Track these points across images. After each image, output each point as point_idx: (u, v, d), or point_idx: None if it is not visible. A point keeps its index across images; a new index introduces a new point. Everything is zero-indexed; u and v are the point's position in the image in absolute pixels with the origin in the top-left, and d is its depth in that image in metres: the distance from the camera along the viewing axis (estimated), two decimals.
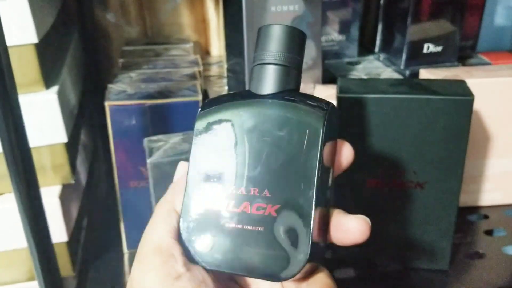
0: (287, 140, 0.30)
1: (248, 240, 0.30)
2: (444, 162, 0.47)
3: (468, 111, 0.45)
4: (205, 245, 0.30)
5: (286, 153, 0.30)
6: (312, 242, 0.29)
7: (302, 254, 0.29)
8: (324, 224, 0.31)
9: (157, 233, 0.31)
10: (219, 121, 0.31)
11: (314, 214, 0.29)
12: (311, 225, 0.29)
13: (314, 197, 0.29)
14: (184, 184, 0.32)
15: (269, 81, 0.31)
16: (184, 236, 0.30)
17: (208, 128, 0.31)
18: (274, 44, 0.31)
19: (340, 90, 0.47)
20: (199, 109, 0.32)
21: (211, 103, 0.33)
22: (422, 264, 0.52)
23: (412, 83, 0.49)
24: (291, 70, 0.32)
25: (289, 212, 0.30)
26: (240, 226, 0.30)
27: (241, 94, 0.33)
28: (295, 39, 0.32)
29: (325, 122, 0.30)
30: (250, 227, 0.30)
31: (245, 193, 0.30)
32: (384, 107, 0.46)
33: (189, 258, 0.30)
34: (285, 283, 0.31)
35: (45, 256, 0.42)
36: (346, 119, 0.47)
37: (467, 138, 0.46)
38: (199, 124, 0.32)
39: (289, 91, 0.32)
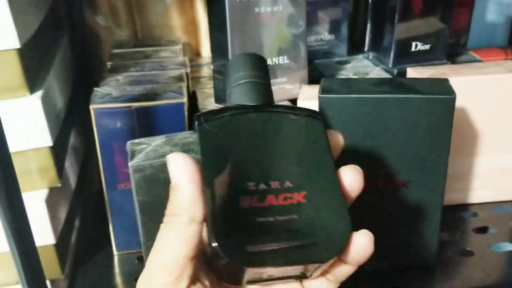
0: (293, 135, 0.33)
1: (285, 230, 0.30)
2: (428, 161, 0.47)
3: (450, 109, 0.45)
4: (244, 245, 0.29)
5: (296, 146, 0.33)
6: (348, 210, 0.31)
7: (345, 226, 0.30)
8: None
9: (171, 250, 0.29)
10: (224, 131, 0.33)
11: (340, 188, 0.31)
12: (343, 198, 0.31)
13: (336, 175, 0.32)
14: (195, 183, 0.30)
15: (255, 94, 0.35)
16: (220, 244, 0.29)
17: (214, 140, 0.32)
18: (247, 67, 0.36)
19: (322, 90, 0.47)
20: (196, 123, 0.33)
21: (207, 116, 0.34)
22: (408, 263, 0.52)
23: (394, 82, 0.49)
24: (265, 85, 0.36)
25: (317, 195, 0.31)
26: (272, 219, 0.30)
27: (233, 107, 0.35)
28: (261, 62, 0.37)
29: (322, 113, 0.35)
30: (283, 218, 0.30)
31: (267, 188, 0.31)
32: (366, 107, 0.46)
33: (231, 262, 0.29)
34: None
35: (29, 261, 0.43)
36: (328, 119, 0.47)
37: (450, 136, 0.46)
38: (203, 136, 0.32)
39: (271, 103, 0.36)
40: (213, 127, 0.33)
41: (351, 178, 0.32)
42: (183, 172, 0.30)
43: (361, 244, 0.30)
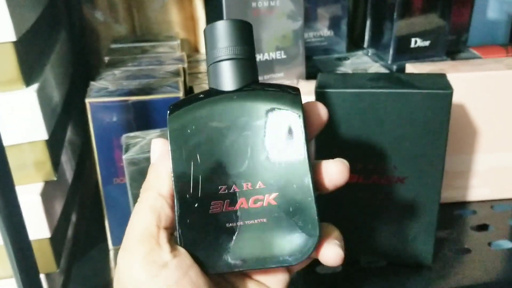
0: (267, 129, 0.31)
1: (254, 234, 0.30)
2: (424, 157, 0.47)
3: (447, 104, 0.45)
4: (212, 251, 0.30)
5: (270, 141, 0.31)
6: (319, 215, 0.30)
7: (313, 229, 0.30)
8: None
9: (142, 220, 0.30)
10: (194, 123, 0.31)
11: (313, 189, 0.30)
12: (314, 202, 0.30)
13: (310, 175, 0.30)
14: (166, 163, 0.31)
15: (230, 77, 0.31)
16: (188, 246, 0.30)
17: (184, 131, 0.31)
18: (223, 40, 0.31)
19: (319, 85, 0.47)
20: (168, 113, 0.32)
21: (179, 106, 0.32)
22: (405, 260, 0.52)
23: (391, 77, 0.49)
24: (246, 61, 0.32)
25: (288, 197, 0.30)
26: (242, 223, 0.30)
27: (207, 94, 0.32)
28: (242, 31, 0.32)
29: (302, 104, 0.31)
30: (252, 221, 0.30)
31: (239, 190, 0.30)
32: (362, 102, 0.46)
33: (200, 266, 0.30)
34: None
35: (22, 254, 0.42)
36: None
37: (447, 132, 0.46)
38: (173, 129, 0.31)
39: (252, 83, 0.32)
40: (183, 120, 0.31)
41: (336, 172, 0.31)
42: (155, 153, 0.32)
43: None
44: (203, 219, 0.30)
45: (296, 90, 0.32)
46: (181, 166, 0.30)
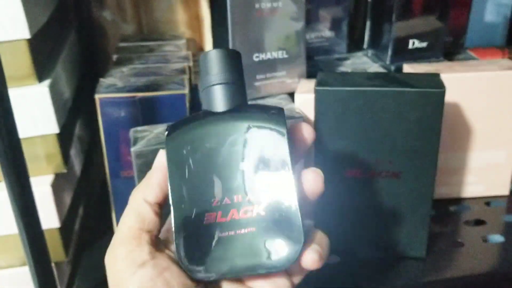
0: (255, 145, 0.34)
1: (244, 242, 0.32)
2: (418, 153, 0.49)
3: (439, 103, 0.47)
4: (205, 258, 0.32)
5: (258, 157, 0.33)
6: (302, 223, 0.32)
7: (297, 237, 0.32)
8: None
9: (126, 223, 0.33)
10: (189, 142, 0.34)
11: (298, 201, 0.33)
12: (299, 211, 0.32)
13: (295, 187, 0.33)
14: (157, 174, 0.34)
15: (221, 99, 0.35)
16: (182, 254, 0.32)
17: (180, 150, 0.34)
18: (215, 67, 0.35)
19: (318, 83, 0.49)
20: (166, 134, 0.35)
21: (176, 127, 0.35)
22: (400, 252, 0.54)
23: (388, 76, 0.51)
24: (235, 86, 0.35)
25: (275, 207, 0.33)
26: (233, 233, 0.33)
27: (201, 115, 0.36)
28: (231, 59, 0.36)
29: (286, 123, 0.34)
30: (242, 231, 0.33)
31: (230, 202, 0.33)
32: (359, 99, 0.48)
33: (192, 274, 0.32)
34: None
35: (35, 242, 0.45)
36: (323, 111, 0.49)
37: (440, 129, 0.48)
38: (170, 148, 0.34)
39: (241, 104, 0.35)
40: (179, 140, 0.34)
41: (311, 181, 0.34)
42: (156, 163, 0.35)
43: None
44: (198, 230, 0.33)
45: (280, 110, 0.35)
46: (177, 181, 0.33)
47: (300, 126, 0.36)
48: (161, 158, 0.35)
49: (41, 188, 0.51)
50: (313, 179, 0.34)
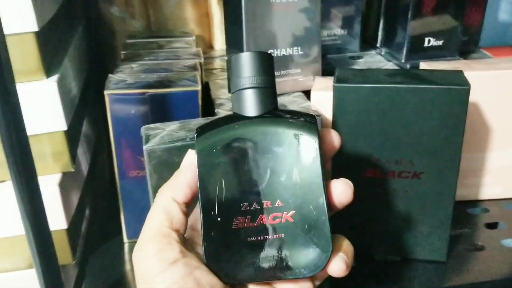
0: (286, 152, 0.33)
1: (272, 248, 0.33)
2: (441, 152, 0.47)
3: (464, 100, 0.45)
4: (233, 262, 0.32)
5: (288, 164, 0.33)
6: (331, 232, 0.32)
7: (326, 245, 0.32)
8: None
9: (156, 221, 0.33)
10: (220, 145, 0.34)
11: (327, 210, 0.33)
12: (328, 220, 0.32)
13: (325, 195, 0.33)
14: (187, 173, 0.34)
15: (252, 104, 0.35)
16: (211, 257, 0.32)
17: (210, 152, 0.34)
18: (247, 70, 0.35)
19: (337, 80, 0.47)
20: (195, 135, 0.34)
21: (206, 129, 0.35)
22: (420, 255, 0.52)
23: (408, 73, 0.49)
24: (267, 90, 0.35)
25: (304, 215, 0.33)
26: (261, 238, 0.33)
27: (231, 118, 0.35)
28: (264, 62, 0.35)
29: (318, 130, 0.34)
30: (271, 236, 0.33)
31: (259, 207, 0.33)
32: (380, 97, 0.46)
33: (221, 276, 0.32)
34: None
35: (43, 244, 0.43)
36: (342, 108, 0.47)
37: (464, 127, 0.46)
38: (201, 150, 0.34)
39: (273, 109, 0.35)
40: (209, 141, 0.34)
41: (342, 193, 0.34)
42: (183, 162, 0.35)
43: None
44: (226, 233, 0.33)
45: (313, 117, 0.35)
46: (206, 184, 0.33)
47: (330, 133, 0.35)
48: (191, 158, 0.35)
49: (49, 188, 0.49)
50: (344, 191, 0.34)
